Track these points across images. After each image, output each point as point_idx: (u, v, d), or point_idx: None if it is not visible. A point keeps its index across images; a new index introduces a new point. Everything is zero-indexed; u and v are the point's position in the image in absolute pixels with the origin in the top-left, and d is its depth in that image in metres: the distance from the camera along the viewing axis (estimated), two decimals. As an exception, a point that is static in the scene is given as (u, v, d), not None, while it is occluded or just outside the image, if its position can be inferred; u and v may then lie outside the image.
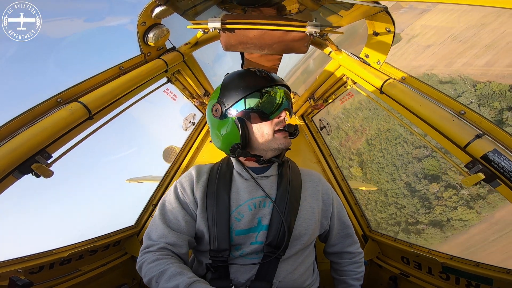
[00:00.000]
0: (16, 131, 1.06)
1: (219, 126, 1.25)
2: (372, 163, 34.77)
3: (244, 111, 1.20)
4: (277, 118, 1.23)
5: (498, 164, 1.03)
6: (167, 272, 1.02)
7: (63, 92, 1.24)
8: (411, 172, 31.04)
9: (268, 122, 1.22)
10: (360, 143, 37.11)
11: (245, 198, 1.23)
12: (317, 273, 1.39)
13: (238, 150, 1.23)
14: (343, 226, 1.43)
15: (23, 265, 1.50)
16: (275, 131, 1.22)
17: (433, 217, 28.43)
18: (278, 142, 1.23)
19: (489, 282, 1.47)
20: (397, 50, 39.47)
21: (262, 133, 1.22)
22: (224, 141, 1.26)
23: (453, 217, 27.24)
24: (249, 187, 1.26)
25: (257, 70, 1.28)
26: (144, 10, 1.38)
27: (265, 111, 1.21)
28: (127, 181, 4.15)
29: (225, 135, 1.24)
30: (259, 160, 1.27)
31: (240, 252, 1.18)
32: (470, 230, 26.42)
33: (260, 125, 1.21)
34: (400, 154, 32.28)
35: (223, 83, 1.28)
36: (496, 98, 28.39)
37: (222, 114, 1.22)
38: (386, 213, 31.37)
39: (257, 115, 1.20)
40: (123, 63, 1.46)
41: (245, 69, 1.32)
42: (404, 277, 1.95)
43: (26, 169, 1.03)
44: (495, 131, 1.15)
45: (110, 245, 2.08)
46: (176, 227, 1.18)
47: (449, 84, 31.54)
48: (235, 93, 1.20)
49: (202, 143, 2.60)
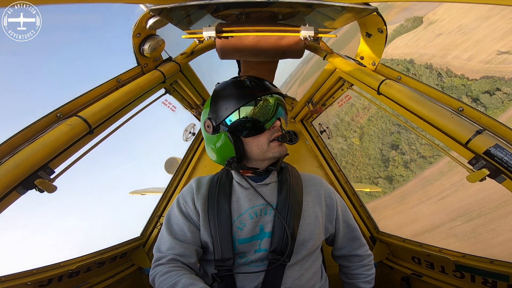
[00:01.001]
0: (18, 148, 1.08)
1: (212, 141, 1.25)
2: (368, 135, 46.62)
3: (236, 124, 1.18)
4: (271, 128, 1.21)
5: (501, 159, 1.02)
6: (178, 284, 1.03)
7: (62, 107, 1.26)
8: (386, 142, 43.64)
9: (262, 133, 1.20)
10: (363, 120, 47.75)
11: (246, 207, 1.23)
12: (325, 277, 1.37)
13: (234, 164, 1.22)
14: (349, 229, 1.41)
15: (32, 278, 1.51)
16: (270, 141, 1.21)
17: (386, 173, 41.36)
18: (273, 151, 1.21)
19: (505, 278, 1.44)
20: (414, 35, 44.23)
21: (256, 144, 1.20)
22: (219, 156, 1.26)
23: (396, 174, 40.12)
24: (249, 195, 1.25)
25: (246, 79, 1.24)
26: (138, 21, 1.39)
27: (257, 122, 1.19)
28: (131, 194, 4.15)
29: (219, 150, 1.24)
30: (256, 172, 1.26)
31: (245, 260, 1.18)
32: (407, 183, 37.71)
33: (254, 137, 1.20)
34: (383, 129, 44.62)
35: (212, 96, 1.26)
36: (453, 91, 35.00)
37: (214, 129, 1.20)
38: (366, 171, 44.76)
39: (250, 126, 1.19)
40: (120, 75, 1.48)
41: (233, 79, 1.28)
42: (417, 277, 1.91)
43: (30, 185, 1.05)
44: (495, 126, 1.14)
45: (117, 256, 2.08)
46: (183, 238, 1.19)
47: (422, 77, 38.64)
48: (224, 107, 1.18)
49: (203, 153, 2.61)
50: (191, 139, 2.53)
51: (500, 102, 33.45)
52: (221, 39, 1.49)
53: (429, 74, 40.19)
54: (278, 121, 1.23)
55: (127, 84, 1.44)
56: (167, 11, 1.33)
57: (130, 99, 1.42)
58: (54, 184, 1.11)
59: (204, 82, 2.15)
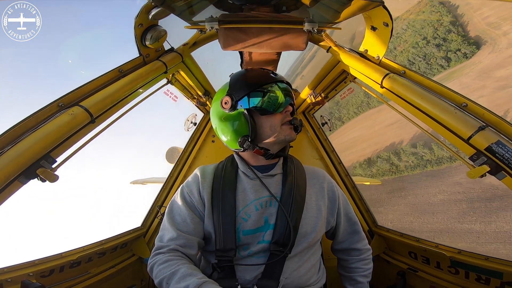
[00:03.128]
0: (20, 137, 1.08)
1: (228, 119, 1.27)
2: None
3: (253, 104, 1.22)
4: (284, 111, 1.27)
5: (502, 155, 1.02)
6: (177, 273, 1.04)
7: (64, 96, 1.25)
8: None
9: (275, 114, 1.25)
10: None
11: (252, 198, 1.24)
12: (323, 269, 1.39)
13: (247, 142, 1.23)
14: (350, 223, 1.42)
15: (34, 269, 1.52)
16: (282, 123, 1.26)
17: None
18: (285, 133, 1.26)
19: (499, 275, 1.46)
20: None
21: (270, 125, 1.24)
22: (233, 134, 1.27)
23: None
24: (255, 186, 1.26)
25: (261, 68, 1.36)
26: (140, 12, 1.38)
27: (272, 105, 1.23)
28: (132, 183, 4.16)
29: (234, 128, 1.26)
30: (266, 154, 1.27)
31: (248, 252, 1.19)
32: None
33: (268, 118, 1.24)
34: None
35: (232, 78, 1.32)
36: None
37: (231, 106, 1.23)
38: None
39: (265, 108, 1.23)
40: (122, 65, 1.46)
41: (251, 68, 1.39)
42: (412, 272, 1.93)
43: (31, 174, 1.05)
44: (498, 122, 1.13)
45: (118, 247, 2.10)
46: (185, 229, 1.20)
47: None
48: (245, 86, 1.24)
49: (204, 143, 2.61)
50: (192, 129, 2.53)
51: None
52: (224, 30, 1.47)
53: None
54: (290, 106, 1.30)
55: (129, 74, 1.44)
56: (170, 2, 1.31)
57: (132, 88, 1.42)
58: (56, 174, 1.12)
59: (206, 72, 2.14)
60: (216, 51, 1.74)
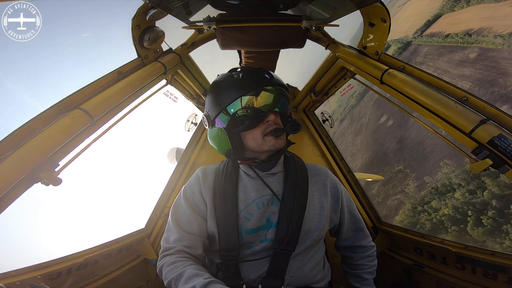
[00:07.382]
0: (22, 141, 1.08)
1: (211, 134, 1.29)
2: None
3: (230, 119, 1.20)
4: (265, 122, 1.19)
5: (505, 149, 1.01)
6: (184, 274, 1.05)
7: (64, 99, 1.26)
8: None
9: (255, 127, 1.20)
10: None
11: (253, 197, 1.24)
12: (328, 267, 1.39)
13: (232, 155, 1.25)
14: (354, 220, 1.42)
15: (42, 272, 1.52)
16: (264, 134, 1.20)
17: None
18: (268, 145, 1.20)
19: (506, 271, 1.44)
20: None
21: (252, 137, 1.21)
22: (219, 148, 1.29)
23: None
24: (257, 185, 1.26)
25: (234, 74, 1.24)
26: (137, 13, 1.38)
27: (251, 117, 1.19)
28: None
29: (218, 142, 1.27)
30: (255, 162, 1.27)
31: (251, 251, 1.20)
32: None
33: (248, 132, 1.20)
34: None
35: (208, 92, 1.30)
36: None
37: (210, 123, 1.25)
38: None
39: (244, 121, 1.19)
40: (121, 67, 1.47)
41: (226, 74, 1.28)
42: (418, 268, 1.92)
43: (35, 178, 1.06)
44: (499, 116, 1.12)
45: (123, 248, 2.11)
46: (190, 229, 1.21)
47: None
48: (217, 103, 1.22)
49: (205, 143, 2.60)
50: (193, 129, 2.53)
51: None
52: (222, 30, 1.47)
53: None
54: (272, 114, 1.19)
55: (128, 76, 1.44)
56: (166, 2, 1.31)
57: (131, 90, 1.43)
58: (59, 177, 1.12)
59: (205, 72, 2.14)
60: (214, 50, 1.74)
